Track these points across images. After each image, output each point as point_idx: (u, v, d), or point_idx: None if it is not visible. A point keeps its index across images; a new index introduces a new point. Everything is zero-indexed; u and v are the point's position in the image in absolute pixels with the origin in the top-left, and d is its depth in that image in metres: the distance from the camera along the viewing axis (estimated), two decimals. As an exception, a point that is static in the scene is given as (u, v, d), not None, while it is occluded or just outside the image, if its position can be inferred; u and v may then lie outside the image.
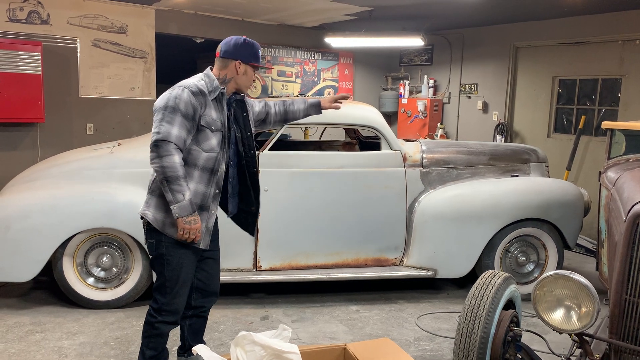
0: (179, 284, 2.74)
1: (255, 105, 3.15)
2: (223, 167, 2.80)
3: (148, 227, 2.73)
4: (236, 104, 2.88)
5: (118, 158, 4.23)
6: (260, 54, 2.87)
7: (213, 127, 2.71)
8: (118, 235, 4.07)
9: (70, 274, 4.05)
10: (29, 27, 6.10)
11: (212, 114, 2.71)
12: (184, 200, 2.57)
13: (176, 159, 2.57)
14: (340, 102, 3.36)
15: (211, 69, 2.82)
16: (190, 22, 7.28)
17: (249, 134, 2.90)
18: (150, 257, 2.79)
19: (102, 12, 6.56)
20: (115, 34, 6.68)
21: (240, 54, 2.78)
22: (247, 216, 3.03)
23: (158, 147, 2.56)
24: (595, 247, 4.97)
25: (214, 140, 2.71)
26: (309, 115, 3.32)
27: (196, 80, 2.73)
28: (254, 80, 2.92)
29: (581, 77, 6.88)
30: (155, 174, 2.65)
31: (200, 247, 2.76)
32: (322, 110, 3.33)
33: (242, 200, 2.98)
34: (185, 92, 2.63)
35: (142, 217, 2.74)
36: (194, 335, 3.04)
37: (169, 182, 2.56)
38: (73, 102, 6.51)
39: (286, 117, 3.27)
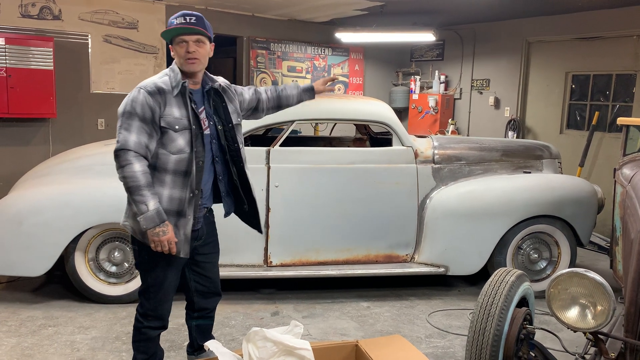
0: (162, 290, 2.66)
1: (245, 93, 2.93)
2: (198, 166, 2.58)
3: (132, 234, 2.63)
4: (214, 94, 2.69)
5: (129, 153, 4.23)
6: (174, 22, 2.52)
7: (177, 127, 2.50)
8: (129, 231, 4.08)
9: (82, 268, 4.07)
10: (41, 23, 6.13)
11: (174, 113, 2.50)
12: (149, 211, 2.41)
13: (136, 167, 2.40)
14: (333, 85, 3.23)
15: None
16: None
17: (230, 125, 2.70)
18: (135, 261, 2.71)
19: (112, 8, 6.57)
20: (126, 29, 6.70)
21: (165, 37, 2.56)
22: (246, 216, 2.90)
23: (118, 157, 2.42)
24: (609, 245, 4.92)
25: (181, 141, 2.51)
26: (302, 100, 3.13)
27: (157, 77, 2.54)
28: (189, 53, 2.52)
29: (595, 73, 6.80)
30: None
31: (181, 255, 2.58)
32: (316, 95, 3.15)
33: (236, 199, 2.83)
34: (141, 94, 2.46)
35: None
36: (201, 335, 3.01)
37: (131, 192, 2.42)
38: (84, 98, 6.54)
39: (279, 103, 3.06)
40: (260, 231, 2.96)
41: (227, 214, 2.85)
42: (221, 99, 2.71)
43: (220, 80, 2.79)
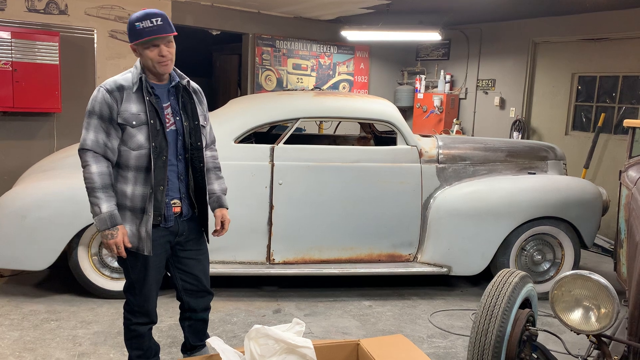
0: (146, 286, 2.64)
1: (207, 120, 2.83)
2: (162, 161, 2.53)
3: None
4: (183, 90, 2.65)
5: (133, 149, 4.24)
6: (139, 26, 2.44)
7: (134, 122, 2.48)
8: (133, 226, 4.08)
9: (85, 263, 4.07)
10: (47, 18, 6.13)
11: (132, 108, 2.48)
12: (101, 214, 2.43)
13: (92, 168, 2.44)
14: (220, 232, 2.87)
15: None
16: (206, 14, 7.27)
17: (196, 123, 2.66)
18: (117, 259, 2.69)
19: (119, 3, 6.57)
20: (132, 25, 6.69)
21: (129, 36, 2.51)
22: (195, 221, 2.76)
23: (80, 157, 2.47)
24: (613, 247, 4.89)
25: (140, 137, 2.49)
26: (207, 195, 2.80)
27: (120, 75, 2.56)
28: (163, 57, 2.49)
29: (601, 74, 6.76)
30: None
31: (145, 253, 2.54)
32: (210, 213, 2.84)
33: (190, 201, 2.71)
34: (100, 92, 2.49)
35: None
36: (194, 335, 2.96)
37: (88, 194, 2.45)
38: (90, 93, 6.40)
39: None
40: (206, 241, 2.87)
41: (184, 217, 2.70)
42: (189, 97, 2.68)
43: (192, 83, 2.74)
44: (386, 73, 9.24)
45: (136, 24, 2.46)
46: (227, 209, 2.90)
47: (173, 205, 2.64)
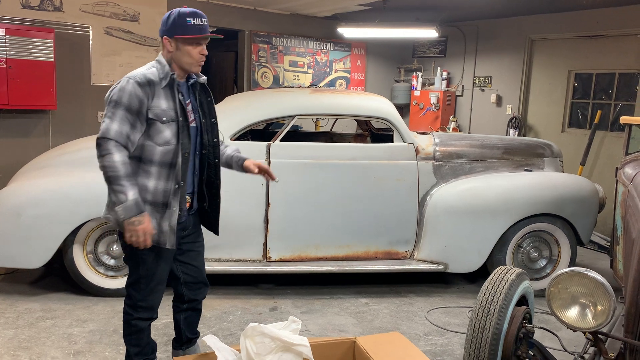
0: (154, 281, 2.65)
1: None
2: (184, 158, 2.57)
3: (114, 226, 2.59)
4: (200, 88, 2.69)
5: (129, 146, 4.22)
6: (191, 22, 2.50)
7: (164, 119, 2.48)
8: (128, 224, 4.06)
9: (81, 261, 4.06)
10: (42, 14, 6.10)
11: (162, 104, 2.49)
12: (128, 201, 2.38)
13: (115, 157, 2.38)
14: (264, 173, 2.92)
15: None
16: (202, 11, 7.23)
17: (213, 120, 2.72)
18: (124, 255, 2.68)
19: (114, 0, 6.54)
20: (127, 21, 6.67)
21: (165, 29, 2.52)
22: (205, 215, 2.83)
23: (99, 145, 2.39)
24: (609, 244, 4.90)
25: (167, 133, 2.50)
26: (229, 166, 2.91)
27: (145, 69, 2.52)
28: (202, 56, 2.56)
29: (598, 71, 6.76)
30: None
31: (167, 247, 2.57)
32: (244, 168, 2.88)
33: (200, 196, 2.78)
34: (130, 84, 2.43)
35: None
36: (189, 327, 2.99)
37: (110, 182, 2.40)
38: (85, 90, 6.51)
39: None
40: (216, 233, 2.92)
41: (192, 211, 2.77)
42: (207, 94, 2.73)
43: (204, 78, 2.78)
44: (383, 70, 9.23)
45: (188, 19, 2.50)
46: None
47: (186, 201, 2.69)
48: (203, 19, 2.56)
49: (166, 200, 2.54)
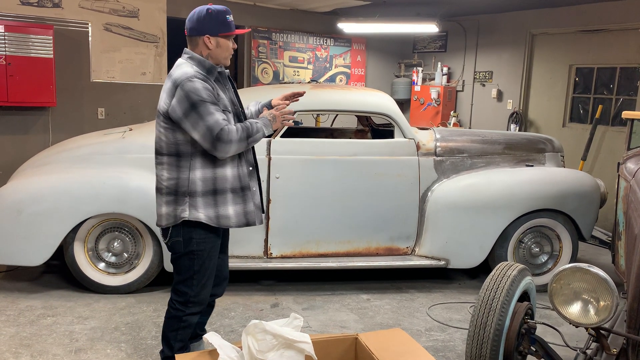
0: (206, 275, 2.74)
1: None
2: None
3: (175, 225, 2.62)
4: (227, 79, 2.82)
5: (130, 143, 4.21)
6: (229, 19, 2.65)
7: (229, 109, 2.66)
8: (129, 221, 4.06)
9: (82, 258, 4.05)
10: (41, 11, 6.08)
11: (223, 96, 2.65)
12: (260, 124, 2.64)
13: (233, 128, 2.54)
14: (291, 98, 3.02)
15: (188, 54, 2.65)
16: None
17: (242, 109, 2.83)
18: (175, 254, 2.70)
19: (113, -4, 6.52)
20: (126, 18, 6.64)
21: (206, 28, 2.61)
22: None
23: (220, 138, 2.49)
24: (611, 239, 4.89)
25: (231, 120, 2.65)
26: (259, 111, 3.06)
27: (188, 67, 2.58)
28: (233, 49, 2.75)
29: (599, 66, 6.74)
30: (186, 180, 2.59)
31: (256, 224, 2.75)
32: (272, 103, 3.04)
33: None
34: (197, 82, 2.51)
35: (183, 223, 2.61)
36: (200, 324, 3.03)
37: (250, 134, 2.59)
38: (84, 87, 6.50)
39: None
40: (264, 212, 3.00)
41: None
42: (232, 84, 2.84)
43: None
44: (383, 65, 9.20)
45: (227, 16, 2.64)
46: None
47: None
48: (232, 15, 2.71)
49: (245, 184, 2.70)
